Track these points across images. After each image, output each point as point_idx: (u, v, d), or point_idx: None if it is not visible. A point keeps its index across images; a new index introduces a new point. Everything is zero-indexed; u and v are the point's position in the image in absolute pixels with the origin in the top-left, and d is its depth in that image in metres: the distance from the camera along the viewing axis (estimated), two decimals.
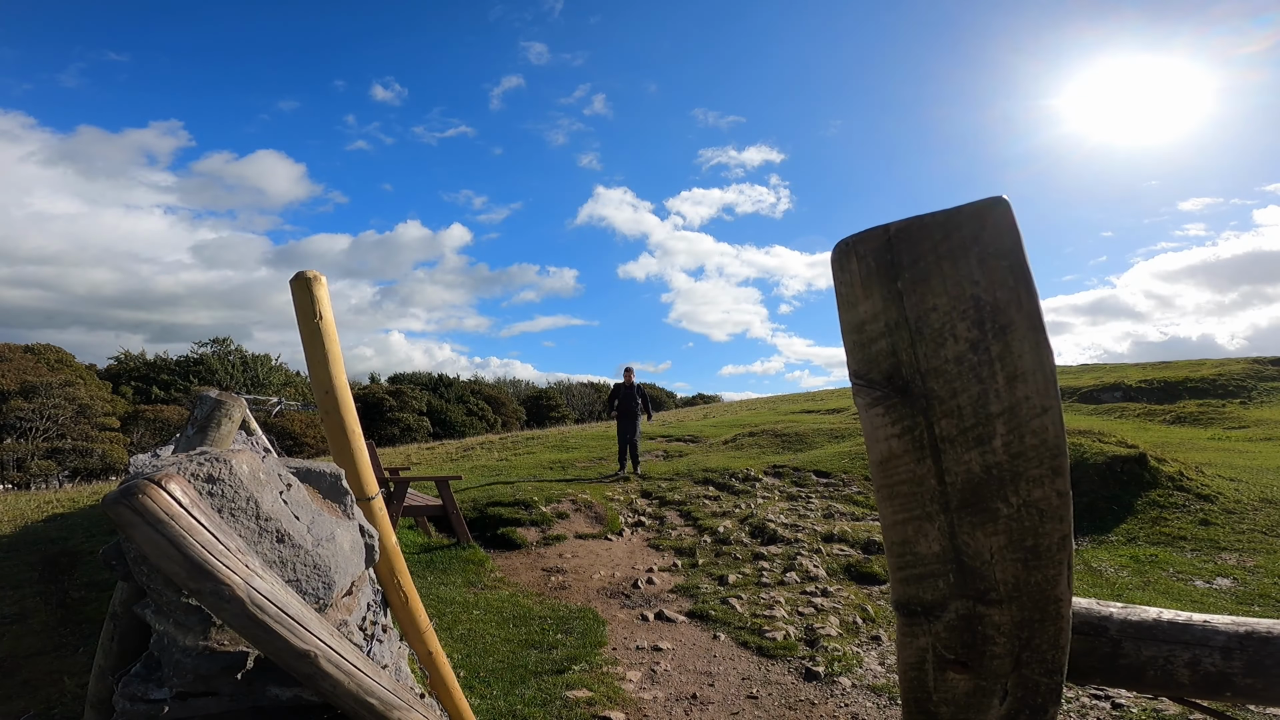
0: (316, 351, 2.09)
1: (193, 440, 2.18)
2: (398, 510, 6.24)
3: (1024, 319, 0.78)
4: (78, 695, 3.45)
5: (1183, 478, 7.92)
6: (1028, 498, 0.81)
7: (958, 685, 0.91)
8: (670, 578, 6.03)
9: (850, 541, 6.69)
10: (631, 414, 10.62)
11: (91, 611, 4.64)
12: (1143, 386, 20.11)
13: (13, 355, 29.96)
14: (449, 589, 5.54)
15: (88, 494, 10.29)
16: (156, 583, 1.56)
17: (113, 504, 1.30)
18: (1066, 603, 0.84)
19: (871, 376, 0.86)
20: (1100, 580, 5.77)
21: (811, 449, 11.50)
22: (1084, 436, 9.20)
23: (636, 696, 3.75)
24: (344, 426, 2.15)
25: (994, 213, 0.78)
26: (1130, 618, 1.02)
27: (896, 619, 0.95)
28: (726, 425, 15.54)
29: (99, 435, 28.92)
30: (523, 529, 7.36)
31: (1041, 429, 0.79)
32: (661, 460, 11.76)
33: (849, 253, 0.86)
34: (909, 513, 0.87)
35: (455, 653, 4.18)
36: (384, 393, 40.79)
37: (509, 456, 12.77)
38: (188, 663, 1.58)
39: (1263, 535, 6.63)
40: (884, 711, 3.59)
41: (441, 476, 6.97)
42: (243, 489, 1.65)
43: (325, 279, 2.12)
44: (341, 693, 1.52)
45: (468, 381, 50.77)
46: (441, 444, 18.56)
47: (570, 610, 5.16)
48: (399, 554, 2.30)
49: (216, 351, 44.05)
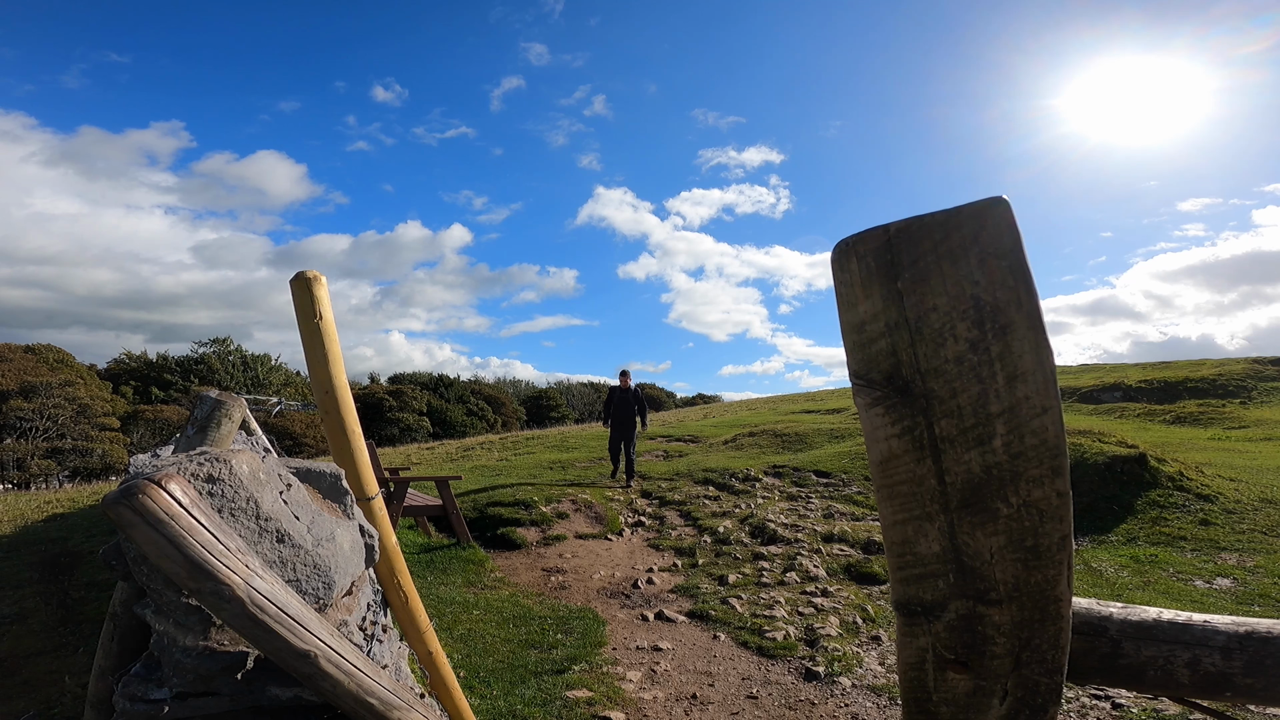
0: (316, 351, 2.09)
1: (193, 440, 2.18)
2: (398, 510, 6.24)
3: (1024, 319, 0.78)
4: (78, 695, 3.45)
5: (1183, 478, 7.92)
6: (1028, 498, 0.81)
7: (958, 685, 0.91)
8: (670, 578, 6.03)
9: (850, 541, 6.69)
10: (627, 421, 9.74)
11: (91, 611, 4.64)
12: (1143, 386, 20.11)
13: (13, 355, 29.95)
14: (449, 589, 5.54)
15: (88, 494, 10.29)
16: (156, 583, 1.56)
17: (113, 504, 1.30)
18: (1066, 603, 0.84)
19: (871, 376, 0.86)
20: (1100, 580, 5.77)
21: (811, 449, 11.50)
22: (1084, 436, 9.20)
23: (636, 696, 3.75)
24: (344, 426, 2.15)
25: (994, 213, 0.78)
26: (1130, 618, 1.02)
27: (896, 619, 0.95)
28: (726, 425, 15.53)
29: (99, 435, 28.93)
30: (523, 529, 7.36)
31: (1041, 429, 0.79)
32: (661, 460, 11.76)
33: (849, 253, 0.86)
34: (909, 513, 0.87)
35: (455, 653, 4.18)
36: (384, 393, 40.80)
37: (509, 456, 12.77)
38: (188, 663, 1.58)
39: (1263, 535, 6.63)
40: (884, 711, 3.59)
41: (441, 476, 6.97)
42: (243, 489, 1.65)
43: (325, 279, 2.12)
44: (341, 693, 1.52)
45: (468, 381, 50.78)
46: (441, 444, 18.57)
47: (570, 610, 5.16)
48: (399, 554, 2.30)
49: (216, 351, 44.06)
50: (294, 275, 2.07)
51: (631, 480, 9.59)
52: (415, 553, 6.46)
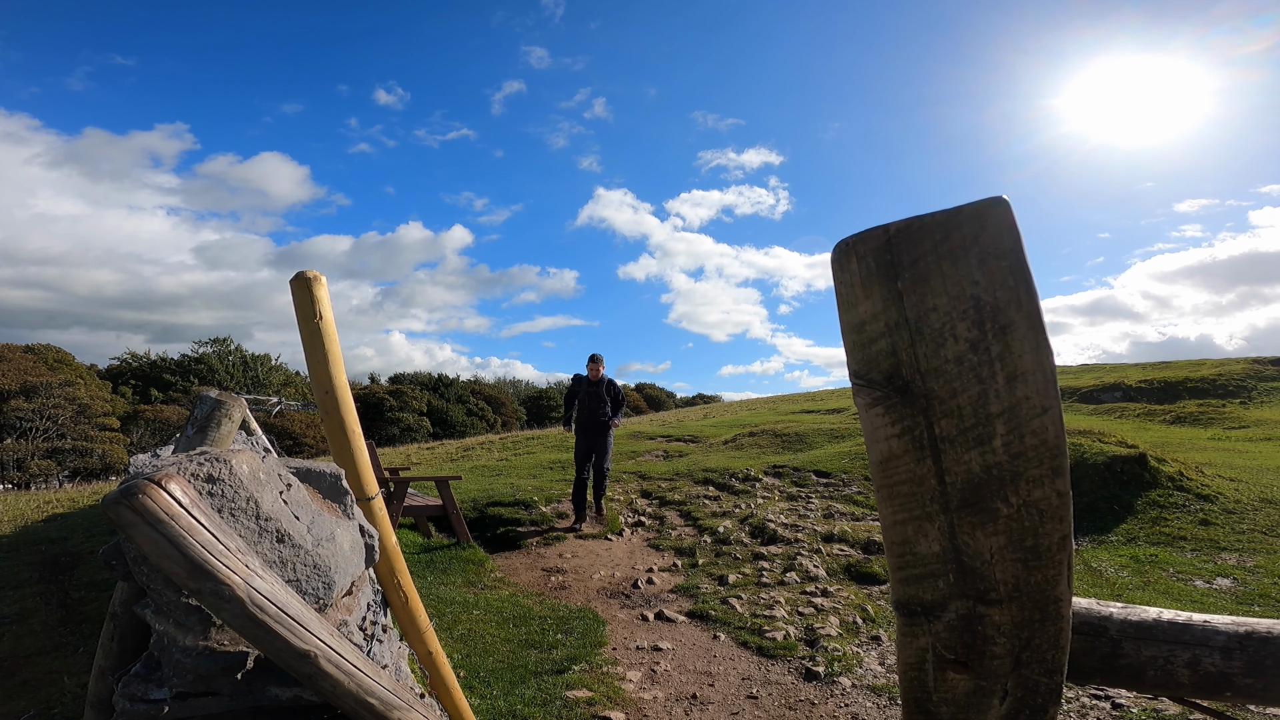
0: (316, 351, 2.09)
1: (193, 440, 2.18)
2: (398, 510, 6.24)
3: (1024, 319, 0.78)
4: (78, 695, 3.45)
5: (1183, 478, 7.92)
6: (1028, 498, 0.81)
7: (958, 685, 0.91)
8: (670, 578, 6.03)
9: (850, 541, 6.69)
10: (597, 424, 7.41)
11: (91, 611, 4.64)
12: (1143, 386, 20.10)
13: (13, 355, 29.95)
14: (449, 589, 5.54)
15: (88, 494, 10.29)
16: (156, 583, 1.56)
17: (113, 504, 1.30)
18: (1066, 603, 0.84)
19: (871, 376, 0.86)
20: (1100, 580, 5.77)
21: (811, 449, 11.50)
22: (1084, 436, 9.19)
23: (636, 696, 3.75)
24: (344, 426, 2.15)
25: (994, 213, 0.78)
26: (1130, 618, 1.02)
27: (896, 619, 0.95)
28: (726, 425, 15.53)
29: (99, 435, 28.93)
30: (523, 529, 7.35)
31: (1041, 429, 0.79)
32: (661, 460, 11.76)
33: (849, 253, 0.86)
34: (909, 513, 0.87)
35: (455, 653, 4.18)
36: (384, 393, 40.80)
37: (509, 456, 12.76)
38: (188, 663, 1.58)
39: (1263, 535, 6.63)
40: (884, 711, 3.59)
41: (441, 476, 6.97)
42: (243, 489, 1.65)
43: (325, 279, 2.12)
44: (341, 693, 1.52)
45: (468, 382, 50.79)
46: (441, 444, 18.57)
47: (570, 610, 5.16)
48: (399, 554, 2.30)
49: (216, 351, 44.07)
50: (294, 275, 2.06)
51: (601, 509, 7.62)
52: (415, 553, 6.46)
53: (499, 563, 6.48)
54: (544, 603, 5.36)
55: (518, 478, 9.90)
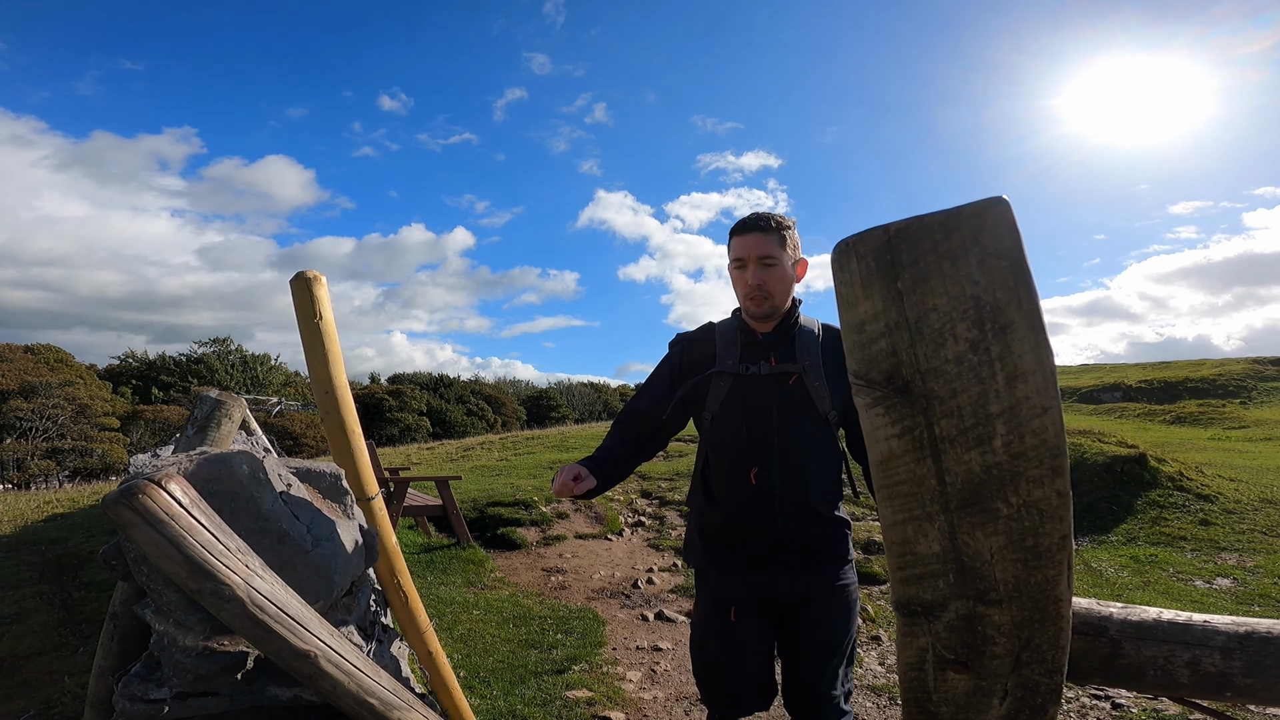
0: (316, 351, 2.09)
1: (193, 440, 2.18)
2: (398, 510, 6.24)
3: (1024, 319, 0.78)
4: (78, 695, 3.45)
5: (1183, 478, 7.92)
6: (1028, 498, 0.81)
7: (958, 685, 0.91)
8: (670, 578, 6.03)
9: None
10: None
11: (91, 611, 4.64)
12: (1142, 387, 20.10)
13: (12, 355, 29.95)
14: (449, 589, 5.54)
15: (88, 494, 10.29)
16: (156, 583, 1.56)
17: (112, 504, 1.30)
18: (1066, 603, 0.84)
19: (871, 376, 0.86)
20: (1100, 580, 5.77)
21: None
22: (1084, 436, 9.19)
23: (636, 696, 3.75)
24: (344, 426, 2.15)
25: (994, 213, 0.78)
26: (1130, 618, 1.02)
27: (896, 619, 0.95)
28: None
29: (99, 435, 28.93)
30: (523, 529, 7.35)
31: (1041, 429, 0.79)
32: (662, 460, 11.75)
33: (849, 253, 0.86)
34: (909, 513, 0.87)
35: (455, 653, 4.18)
36: (384, 393, 40.79)
37: (509, 456, 12.76)
38: (188, 663, 1.58)
39: (1263, 535, 6.63)
40: (884, 711, 3.58)
41: (441, 476, 6.97)
42: (243, 489, 1.65)
43: (325, 279, 2.12)
44: (341, 693, 1.52)
45: (468, 381, 50.79)
46: (441, 444, 18.55)
47: (570, 610, 5.16)
48: (399, 554, 2.30)
49: (216, 351, 44.06)
50: (294, 275, 2.06)
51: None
52: (415, 553, 6.46)
53: (499, 563, 6.48)
54: (544, 603, 5.36)
55: (518, 478, 9.90)
